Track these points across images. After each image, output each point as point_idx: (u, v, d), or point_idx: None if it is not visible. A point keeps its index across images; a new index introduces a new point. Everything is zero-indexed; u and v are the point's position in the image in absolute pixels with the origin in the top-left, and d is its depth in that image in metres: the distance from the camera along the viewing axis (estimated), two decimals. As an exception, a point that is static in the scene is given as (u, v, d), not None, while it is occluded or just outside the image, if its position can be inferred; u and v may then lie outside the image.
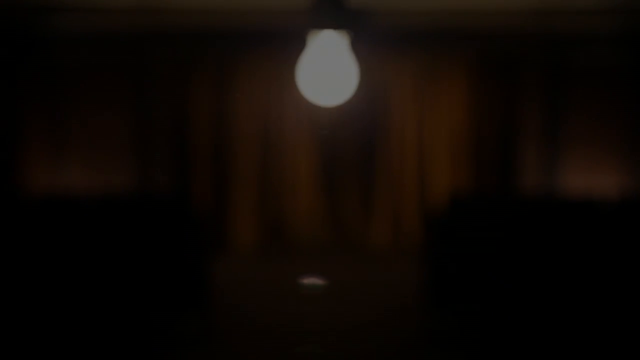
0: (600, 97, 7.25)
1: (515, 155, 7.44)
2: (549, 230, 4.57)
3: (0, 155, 7.13)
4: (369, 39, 6.95)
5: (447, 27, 6.96)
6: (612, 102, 7.25)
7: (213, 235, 7.19)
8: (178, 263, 4.86)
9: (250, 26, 6.90)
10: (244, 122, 7.57)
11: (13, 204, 5.88)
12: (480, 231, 4.59)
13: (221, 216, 7.58)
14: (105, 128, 7.26)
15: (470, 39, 7.16)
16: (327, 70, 3.07)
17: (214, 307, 4.95)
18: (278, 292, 5.92)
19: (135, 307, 4.05)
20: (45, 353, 3.37)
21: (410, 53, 7.50)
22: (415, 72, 7.65)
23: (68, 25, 6.93)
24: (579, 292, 3.24)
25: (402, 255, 7.32)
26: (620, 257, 3.57)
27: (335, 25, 3.08)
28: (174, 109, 7.46)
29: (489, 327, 3.36)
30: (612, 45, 7.14)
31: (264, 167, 7.65)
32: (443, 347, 4.54)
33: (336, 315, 5.26)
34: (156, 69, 7.32)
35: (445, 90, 7.63)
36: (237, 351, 4.47)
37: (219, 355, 4.40)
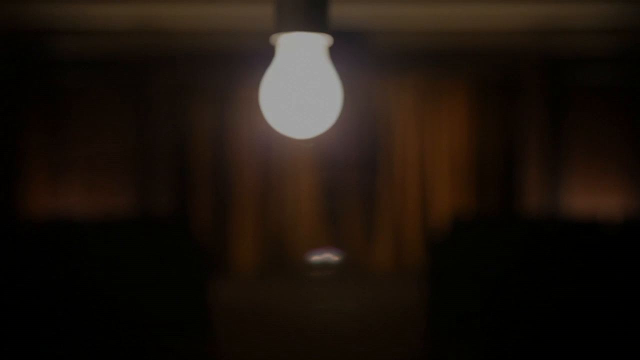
0: (603, 117, 7.23)
1: (517, 176, 7.41)
2: (552, 251, 4.52)
3: (0, 177, 7.11)
4: (369, 60, 6.98)
5: (448, 47, 6.97)
6: (614, 122, 7.23)
7: (214, 259, 7.16)
8: (178, 286, 4.81)
9: (251, 48, 6.91)
10: (244, 144, 7.56)
11: (13, 226, 5.85)
12: (482, 252, 4.55)
13: (222, 239, 7.54)
14: (106, 150, 7.24)
15: (471, 58, 7.17)
16: (299, 91, 1.96)
17: (215, 331, 4.90)
18: (279, 315, 5.87)
19: (134, 331, 4.01)
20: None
21: (412, 73, 7.51)
22: (416, 93, 7.65)
23: (68, 48, 6.95)
24: (584, 314, 3.20)
25: (404, 277, 7.27)
26: (625, 278, 3.52)
27: (310, 27, 1.87)
28: (174, 131, 7.46)
29: (492, 350, 3.32)
30: (615, 64, 7.13)
31: (265, 189, 7.62)
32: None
33: (338, 338, 5.21)
34: (156, 91, 7.33)
35: (447, 111, 7.62)
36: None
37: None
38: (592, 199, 7.15)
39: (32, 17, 6.08)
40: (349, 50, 6.30)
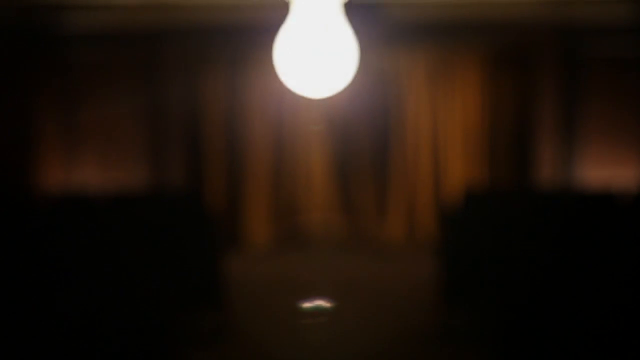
0: (618, 89, 7.15)
1: (531, 149, 7.37)
2: (566, 223, 4.50)
3: (14, 153, 7.15)
4: (382, 31, 6.92)
5: (461, 19, 6.89)
6: (630, 94, 7.15)
7: (227, 232, 7.17)
8: (192, 260, 4.84)
9: (264, 20, 6.87)
10: (257, 117, 7.55)
11: (27, 202, 5.89)
12: (495, 226, 4.54)
13: (235, 213, 7.56)
14: (119, 125, 7.26)
15: (484, 29, 7.08)
16: (315, 51, 1.90)
17: (229, 305, 4.93)
18: (293, 288, 5.90)
19: (149, 305, 4.03)
20: (57, 352, 3.37)
21: (424, 45, 7.44)
22: (429, 64, 7.59)
23: (81, 23, 6.94)
24: (598, 288, 3.19)
25: (416, 250, 7.27)
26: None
27: None
28: (187, 106, 7.46)
29: (504, 323, 3.32)
30: (630, 35, 7.03)
31: (278, 163, 7.62)
32: (457, 343, 4.50)
33: (350, 310, 5.23)
34: (169, 66, 7.31)
35: (460, 83, 7.57)
36: (253, 348, 4.46)
37: (234, 353, 4.38)
38: (607, 170, 7.10)
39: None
40: (361, 23, 6.25)
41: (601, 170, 7.11)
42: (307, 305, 5.40)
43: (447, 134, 7.60)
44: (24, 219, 4.91)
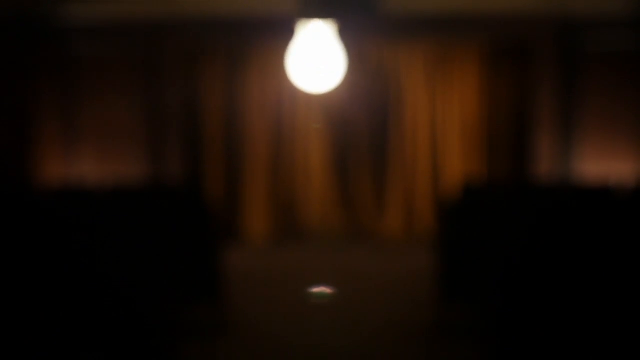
0: (616, 83, 7.15)
1: (529, 142, 7.38)
2: (563, 217, 4.52)
3: (13, 146, 7.15)
4: (380, 26, 6.92)
5: (460, 13, 6.90)
6: (628, 88, 7.15)
7: (225, 226, 7.19)
8: (190, 254, 4.85)
9: (263, 15, 6.87)
10: (256, 111, 7.55)
11: (26, 194, 5.89)
12: (493, 219, 4.54)
13: (234, 207, 7.57)
14: (118, 119, 7.25)
15: (483, 24, 7.08)
16: (314, 59, 3.25)
17: (227, 298, 4.95)
18: (291, 282, 5.91)
19: (146, 299, 4.04)
20: (54, 345, 3.38)
21: (423, 39, 7.44)
22: (427, 59, 7.59)
23: (81, 16, 6.93)
24: (596, 283, 3.20)
25: (415, 244, 7.29)
26: (638, 243, 3.52)
27: (322, 15, 3.67)
28: (186, 100, 7.46)
29: (503, 318, 3.33)
30: (628, 29, 7.03)
31: (276, 156, 7.63)
32: (456, 337, 4.51)
33: (349, 303, 5.25)
34: (168, 60, 7.30)
35: (458, 77, 7.57)
36: (250, 342, 4.47)
37: (232, 346, 4.39)
38: (604, 165, 7.11)
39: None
40: (360, 16, 6.25)
41: (599, 164, 7.13)
42: (305, 297, 5.42)
43: (446, 128, 7.61)
44: (23, 211, 4.91)
